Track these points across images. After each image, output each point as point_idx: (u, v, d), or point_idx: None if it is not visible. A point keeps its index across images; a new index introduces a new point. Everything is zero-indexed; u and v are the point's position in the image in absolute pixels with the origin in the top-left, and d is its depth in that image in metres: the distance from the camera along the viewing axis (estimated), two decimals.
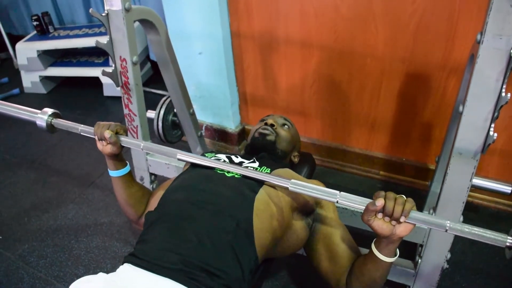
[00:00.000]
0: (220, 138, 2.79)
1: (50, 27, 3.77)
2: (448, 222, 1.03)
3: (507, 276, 1.88)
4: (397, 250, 1.15)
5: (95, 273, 1.11)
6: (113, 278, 1.08)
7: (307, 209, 1.38)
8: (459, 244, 1.98)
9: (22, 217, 2.36)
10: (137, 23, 1.68)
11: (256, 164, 1.46)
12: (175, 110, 2.14)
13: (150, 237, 1.20)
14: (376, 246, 1.15)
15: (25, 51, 3.63)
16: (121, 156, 1.51)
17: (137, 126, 1.83)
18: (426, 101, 2.06)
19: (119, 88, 1.77)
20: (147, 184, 2.03)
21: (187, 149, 2.42)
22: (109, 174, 1.53)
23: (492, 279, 1.87)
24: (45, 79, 3.76)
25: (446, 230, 1.03)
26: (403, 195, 1.07)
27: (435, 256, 1.52)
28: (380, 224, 1.07)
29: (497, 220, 2.14)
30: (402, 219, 1.04)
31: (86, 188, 2.55)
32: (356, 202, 1.13)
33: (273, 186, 1.33)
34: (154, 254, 1.12)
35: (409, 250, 1.75)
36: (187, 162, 1.42)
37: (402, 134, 2.25)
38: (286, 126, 1.72)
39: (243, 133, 2.77)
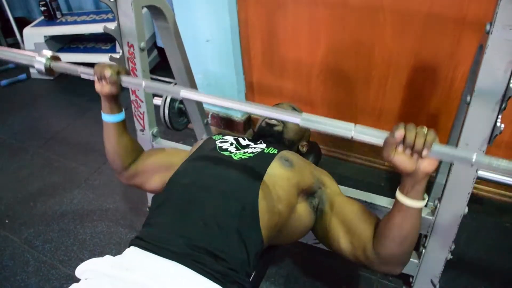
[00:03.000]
0: (226, 126, 2.80)
1: (57, 12, 3.76)
2: (475, 154, 0.89)
3: (510, 267, 1.88)
4: (425, 194, 1.07)
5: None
6: (119, 261, 1.09)
7: (312, 190, 1.37)
8: (464, 235, 1.98)
9: (28, 201, 2.38)
10: (144, 10, 1.68)
11: (264, 145, 1.45)
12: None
13: (156, 220, 1.21)
14: (401, 191, 1.06)
15: (33, 37, 3.62)
16: (119, 99, 1.45)
17: (143, 112, 1.83)
18: (433, 92, 2.05)
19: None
20: None
21: (193, 136, 2.43)
22: (103, 119, 1.47)
23: (496, 270, 1.87)
24: None
25: (472, 165, 0.91)
26: (425, 126, 0.97)
27: (439, 246, 1.52)
28: (402, 159, 0.98)
29: (502, 212, 2.14)
30: (424, 152, 0.95)
31: (92, 174, 2.56)
32: (373, 136, 1.02)
33: (288, 154, 1.36)
34: (161, 237, 1.12)
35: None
36: (190, 99, 1.30)
37: None
38: None
39: (249, 121, 2.77)
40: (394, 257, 1.17)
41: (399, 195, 1.07)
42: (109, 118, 1.45)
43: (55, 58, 1.52)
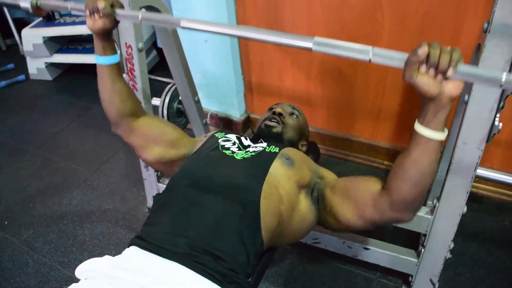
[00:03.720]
0: (225, 126, 2.79)
1: (56, 13, 3.75)
2: (505, 73, 0.81)
3: (510, 266, 1.88)
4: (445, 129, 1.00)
5: None
6: (119, 260, 1.09)
7: (310, 184, 1.36)
8: (462, 234, 1.98)
9: (27, 202, 2.38)
10: (142, 9, 1.68)
11: (265, 144, 1.44)
12: (180, 98, 2.14)
13: (157, 220, 1.21)
14: (421, 121, 0.98)
15: (31, 38, 3.61)
16: (112, 38, 1.39)
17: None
18: None
19: (124, 75, 1.77)
20: (153, 179, 2.04)
21: (191, 136, 2.43)
22: (96, 61, 1.40)
23: (494, 269, 1.87)
24: (50, 66, 3.75)
25: (501, 85, 0.83)
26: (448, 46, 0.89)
27: (439, 246, 1.53)
28: (425, 80, 0.90)
29: (501, 210, 2.14)
30: (450, 71, 0.87)
31: (91, 175, 2.56)
32: (393, 58, 0.95)
33: (288, 152, 1.36)
34: (161, 238, 1.12)
35: (412, 239, 1.76)
36: (192, 29, 1.17)
37: (407, 123, 2.24)
38: (294, 115, 1.70)
39: (248, 121, 2.77)
40: (408, 200, 1.10)
41: (418, 126, 0.99)
42: (102, 60, 1.40)
43: None
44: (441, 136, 0.98)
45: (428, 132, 0.97)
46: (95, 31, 1.32)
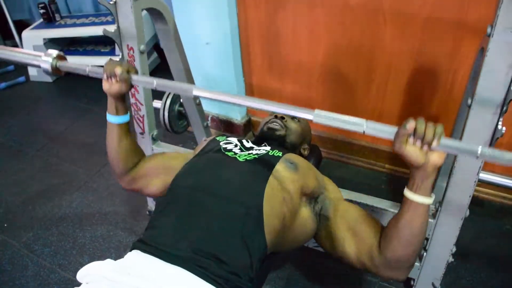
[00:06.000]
0: (226, 129, 2.79)
1: (56, 15, 3.75)
2: (480, 147, 0.95)
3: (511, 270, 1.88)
4: (433, 194, 1.10)
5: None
6: (121, 265, 1.08)
7: (315, 194, 1.36)
8: (465, 237, 1.97)
9: (27, 205, 2.37)
10: (144, 12, 1.67)
11: (268, 148, 1.44)
12: (181, 100, 2.14)
13: (159, 223, 1.21)
14: (410, 188, 1.09)
15: (32, 39, 3.62)
16: (125, 100, 1.46)
17: (143, 115, 1.83)
18: (433, 95, 2.05)
19: None
20: None
21: (193, 139, 2.43)
22: (108, 119, 1.46)
23: (497, 273, 1.87)
24: None
25: (477, 157, 0.96)
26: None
27: (441, 249, 1.52)
28: (412, 150, 1.01)
29: (503, 214, 2.14)
30: (434, 143, 0.99)
31: (91, 177, 2.55)
32: (384, 131, 1.07)
33: (292, 157, 1.37)
34: (163, 241, 1.12)
35: None
36: (203, 97, 1.32)
37: None
38: (296, 118, 1.69)
39: (249, 124, 2.77)
40: (401, 260, 1.17)
41: (408, 192, 1.09)
42: (114, 119, 1.45)
43: (61, 58, 1.53)
44: (429, 200, 1.09)
45: (418, 198, 1.08)
46: (111, 94, 1.40)
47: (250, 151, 1.40)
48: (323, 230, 1.36)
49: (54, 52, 1.52)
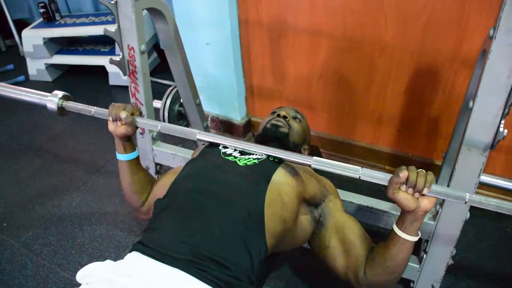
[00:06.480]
0: (226, 130, 2.79)
1: (56, 14, 3.75)
2: (468, 194, 1.07)
3: (511, 273, 1.88)
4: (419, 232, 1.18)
5: (100, 261, 1.11)
6: (121, 266, 1.08)
7: (315, 201, 1.38)
8: (464, 240, 1.97)
9: (27, 204, 2.36)
10: (144, 11, 1.67)
11: None
12: (181, 100, 2.14)
13: (159, 225, 1.20)
14: (399, 226, 1.16)
15: (31, 39, 3.61)
16: (132, 139, 1.51)
17: (143, 115, 1.83)
18: (434, 96, 2.05)
19: (126, 77, 1.77)
20: (152, 174, 2.02)
21: (192, 140, 2.42)
22: (117, 157, 1.52)
23: (496, 276, 1.87)
24: (50, 67, 3.75)
25: (466, 202, 1.07)
26: (423, 170, 1.10)
27: (441, 252, 1.52)
28: (405, 197, 1.08)
29: (502, 217, 2.11)
30: (425, 190, 1.07)
31: (91, 177, 2.55)
32: (379, 178, 1.16)
33: (292, 164, 1.37)
34: (163, 244, 1.12)
35: (414, 245, 1.75)
36: (206, 142, 1.44)
37: (409, 129, 2.23)
38: (297, 119, 1.69)
39: (248, 124, 2.77)
40: (383, 284, 1.27)
41: (397, 230, 1.17)
42: (123, 157, 1.51)
43: (66, 98, 1.65)
44: (415, 238, 1.17)
45: (405, 236, 1.16)
46: (117, 136, 1.47)
47: (250, 156, 1.40)
48: (319, 238, 1.39)
49: (59, 93, 1.63)
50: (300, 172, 1.36)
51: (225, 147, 1.44)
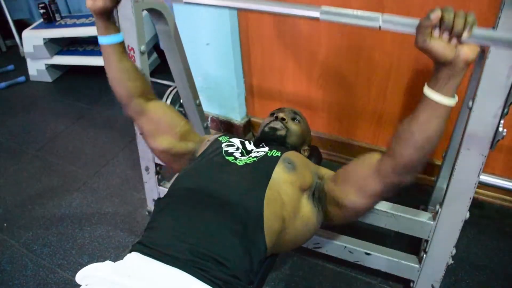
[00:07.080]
0: (226, 130, 2.79)
1: (57, 15, 3.75)
2: None
3: (510, 272, 1.88)
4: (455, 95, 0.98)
5: (99, 262, 1.11)
6: (121, 266, 1.08)
7: (312, 187, 1.36)
8: (464, 239, 1.98)
9: (27, 204, 2.37)
10: (144, 12, 1.67)
11: (266, 149, 1.44)
12: (181, 101, 2.14)
13: (159, 225, 1.20)
14: (432, 85, 0.98)
15: (32, 39, 3.61)
16: (114, 18, 1.36)
17: None
18: None
19: None
20: (152, 175, 2.02)
21: None
22: (100, 42, 1.37)
23: (496, 275, 1.87)
24: (51, 68, 3.75)
25: None
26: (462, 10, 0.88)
27: (441, 251, 1.52)
28: (439, 44, 0.89)
29: (502, 216, 2.14)
30: (465, 34, 0.87)
31: (91, 177, 2.55)
32: (403, 24, 0.96)
33: (291, 156, 1.36)
34: (163, 243, 1.11)
35: (414, 245, 1.75)
36: (194, 3, 1.18)
37: None
38: (296, 120, 1.69)
39: (248, 125, 2.77)
40: (411, 164, 1.09)
41: (428, 90, 0.99)
42: (106, 39, 1.36)
43: None
44: (452, 101, 0.97)
45: (439, 97, 0.97)
46: (96, 11, 1.29)
47: (250, 154, 1.40)
48: (326, 206, 1.34)
49: None
50: (297, 164, 1.36)
51: (228, 146, 1.44)
